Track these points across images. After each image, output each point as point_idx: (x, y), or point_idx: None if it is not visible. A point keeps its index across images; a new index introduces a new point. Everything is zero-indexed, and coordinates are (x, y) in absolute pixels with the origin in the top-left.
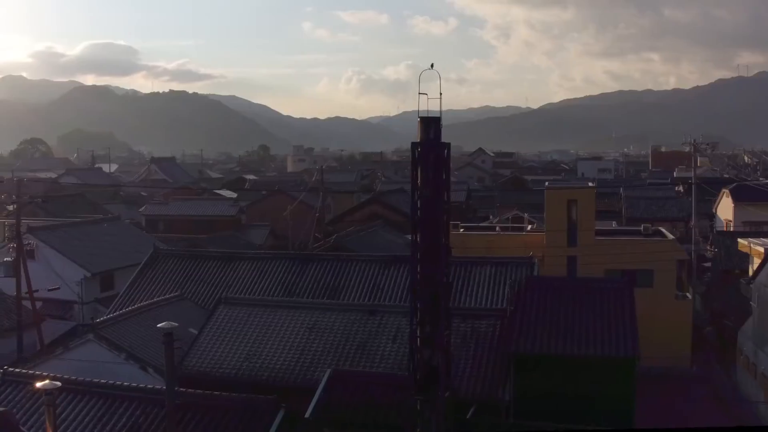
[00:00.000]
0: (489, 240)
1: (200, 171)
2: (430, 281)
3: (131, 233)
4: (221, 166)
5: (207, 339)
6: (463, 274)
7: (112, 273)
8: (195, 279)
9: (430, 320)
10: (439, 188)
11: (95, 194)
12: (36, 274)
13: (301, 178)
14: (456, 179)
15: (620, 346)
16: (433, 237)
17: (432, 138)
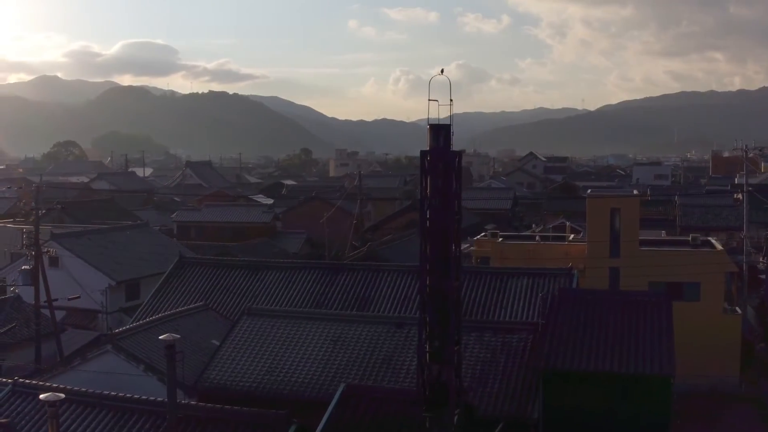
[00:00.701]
0: (528, 250)
1: (238, 175)
2: (440, 294)
3: (159, 240)
4: (260, 171)
5: (228, 351)
6: (498, 286)
7: (138, 282)
8: (221, 288)
9: (439, 335)
10: (449, 198)
11: (127, 199)
12: (59, 283)
13: (342, 183)
14: (504, 185)
15: (655, 362)
16: (442, 248)
17: (441, 146)
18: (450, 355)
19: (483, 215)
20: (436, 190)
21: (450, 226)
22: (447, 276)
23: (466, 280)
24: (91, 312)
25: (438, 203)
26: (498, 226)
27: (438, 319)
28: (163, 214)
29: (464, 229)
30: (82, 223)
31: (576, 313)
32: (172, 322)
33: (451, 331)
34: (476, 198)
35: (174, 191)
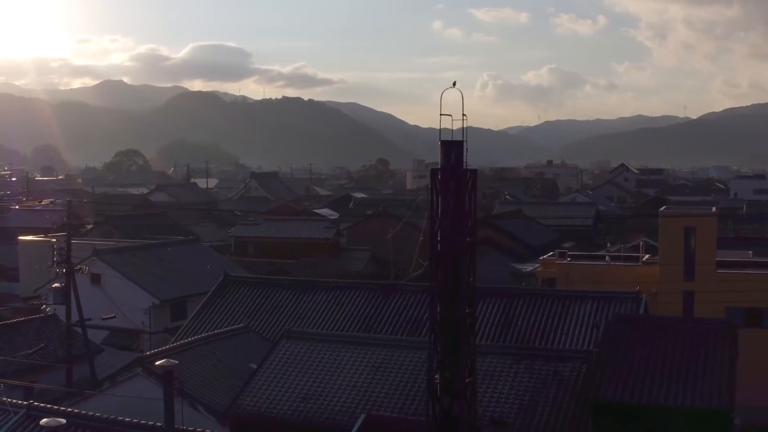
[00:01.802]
0: (596, 271)
1: (307, 187)
2: (450, 321)
3: (209, 257)
4: (333, 182)
5: (265, 376)
6: (559, 311)
7: (185, 300)
8: (266, 309)
9: (450, 365)
10: (461, 219)
11: (186, 212)
12: (101, 301)
13: (417, 196)
14: (589, 199)
15: (714, 395)
16: (453, 272)
17: (453, 163)
18: (462, 387)
19: (562, 232)
20: (448, 211)
21: (462, 249)
22: (458, 302)
23: (525, 304)
24: (135, 332)
25: (449, 224)
26: (577, 244)
27: (449, 348)
28: (222, 229)
29: (539, 247)
30: (130, 237)
31: (633, 341)
32: (209, 344)
33: (462, 361)
34: (555, 214)
35: (236, 204)
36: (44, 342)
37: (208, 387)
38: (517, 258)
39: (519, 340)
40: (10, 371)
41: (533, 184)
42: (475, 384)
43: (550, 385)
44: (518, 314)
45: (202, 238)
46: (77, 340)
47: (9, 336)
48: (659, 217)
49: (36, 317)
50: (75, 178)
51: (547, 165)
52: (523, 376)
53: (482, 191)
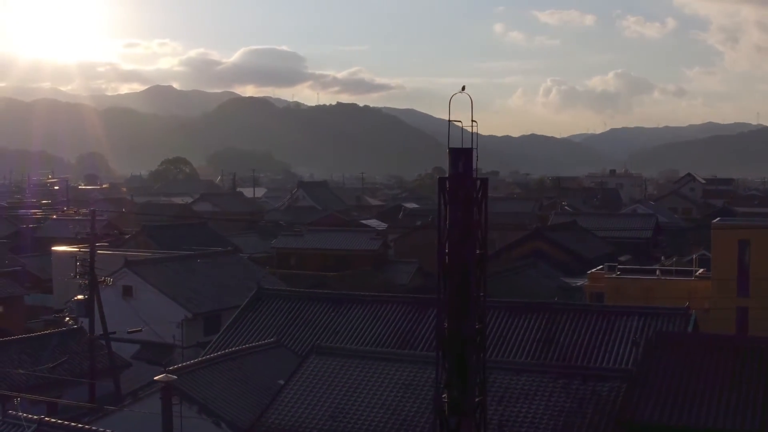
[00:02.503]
0: (646, 286)
1: (358, 197)
2: (458, 338)
3: (247, 269)
4: (387, 192)
5: (292, 392)
6: (604, 327)
7: (219, 314)
8: (299, 323)
9: (457, 383)
10: (470, 230)
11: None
12: (133, 314)
13: None
14: (650, 210)
15: (756, 418)
16: (461, 286)
17: (462, 172)
18: (470, 407)
19: (619, 245)
20: (456, 222)
21: (471, 262)
22: (467, 317)
23: (568, 320)
24: (167, 346)
25: (458, 236)
26: (634, 257)
27: (456, 366)
28: (266, 240)
29: (592, 260)
30: (168, 248)
31: (674, 359)
32: (236, 359)
33: (470, 379)
34: (612, 226)
35: (283, 214)
36: (66, 356)
37: (233, 404)
38: (568, 272)
39: (560, 358)
40: (32, 385)
41: (594, 195)
42: (485, 403)
43: (587, 405)
44: (561, 330)
45: (245, 250)
46: (103, 354)
47: (33, 349)
48: (711, 229)
49: (61, 330)
50: (119, 186)
51: (609, 174)
52: (560, 396)
53: (539, 202)
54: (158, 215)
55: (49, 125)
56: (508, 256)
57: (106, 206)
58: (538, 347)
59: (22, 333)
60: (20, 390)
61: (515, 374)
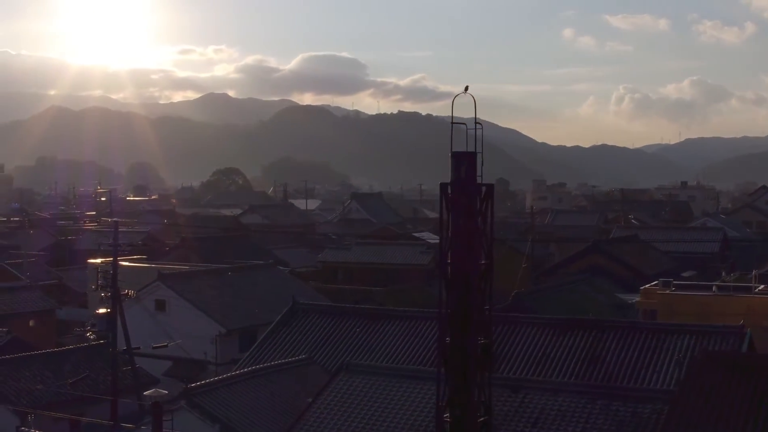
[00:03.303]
0: (702, 303)
1: (415, 209)
2: (461, 353)
3: (286, 283)
4: None
5: (318, 411)
6: (653, 345)
7: (255, 329)
8: (335, 339)
9: (460, 402)
10: (473, 239)
11: (278, 236)
12: (165, 329)
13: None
14: (719, 224)
15: None
16: (463, 298)
17: (464, 177)
18: (473, 427)
19: (683, 260)
20: (458, 230)
21: (473, 272)
22: (469, 331)
23: (615, 338)
24: (201, 363)
25: (460, 245)
26: (698, 273)
27: (459, 383)
28: (314, 253)
29: (653, 275)
30: (207, 261)
31: (718, 380)
32: (264, 376)
33: (471, 397)
34: (677, 239)
35: (335, 227)
36: (87, 371)
37: (257, 422)
38: (627, 287)
39: (605, 378)
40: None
41: (663, 208)
42: (490, 423)
43: (626, 427)
44: (607, 348)
45: (292, 263)
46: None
47: (56, 364)
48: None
49: (87, 345)
50: (169, 198)
51: (680, 186)
52: (598, 417)
53: (604, 215)
54: (202, 227)
55: (99, 134)
56: (564, 271)
57: (153, 218)
58: (582, 366)
59: (53, 348)
60: (40, 406)
61: (552, 395)
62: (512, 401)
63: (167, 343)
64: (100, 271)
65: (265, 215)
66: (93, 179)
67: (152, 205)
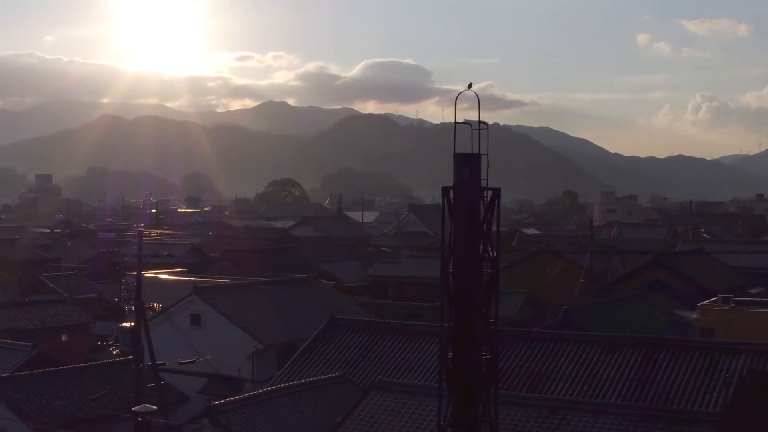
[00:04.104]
0: (763, 321)
1: None
2: (464, 370)
3: (330, 298)
4: (512, 217)
5: None
6: (706, 365)
7: (294, 345)
8: (372, 356)
9: (463, 421)
10: (476, 247)
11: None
12: (201, 344)
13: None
14: None
15: None
16: (466, 310)
17: (467, 180)
18: None
19: (754, 276)
20: (461, 238)
21: (477, 283)
22: (473, 346)
23: (667, 357)
24: (237, 380)
25: (462, 252)
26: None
27: (462, 401)
28: (366, 267)
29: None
30: (250, 274)
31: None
32: (293, 394)
33: (475, 415)
34: (746, 254)
35: (391, 240)
36: (109, 387)
37: None
38: (689, 304)
39: (653, 399)
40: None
41: (736, 221)
42: None
43: None
44: (657, 368)
45: (342, 277)
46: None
47: (82, 380)
48: None
49: (115, 360)
50: (222, 209)
51: (756, 199)
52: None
53: (674, 229)
54: (249, 239)
55: (153, 144)
56: (624, 286)
57: (201, 230)
58: (629, 387)
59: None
60: (61, 423)
61: (593, 416)
62: (549, 422)
63: (195, 359)
64: (124, 283)
65: (318, 228)
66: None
67: (204, 217)
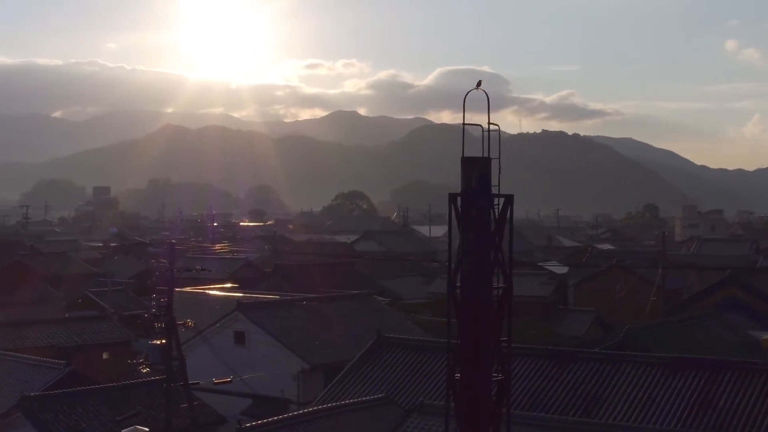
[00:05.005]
0: None
1: (550, 237)
2: (472, 392)
3: (383, 315)
4: (589, 231)
5: None
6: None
7: (342, 365)
8: (421, 376)
9: None
10: (485, 260)
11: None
12: (245, 364)
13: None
14: None
15: None
16: (474, 329)
17: (475, 187)
18: None
19: None
20: (468, 249)
21: (486, 299)
22: (481, 367)
23: (732, 380)
24: (282, 401)
25: (470, 267)
26: None
27: (469, 425)
28: (430, 282)
29: None
30: (302, 290)
31: None
32: (331, 416)
33: None
34: None
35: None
36: (138, 408)
37: None
38: (766, 324)
39: (716, 425)
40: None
41: None
42: None
43: None
44: (721, 392)
45: (402, 294)
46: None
47: (115, 399)
48: None
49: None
50: (286, 223)
51: None
52: None
53: (757, 244)
54: (307, 254)
55: (218, 155)
56: (699, 305)
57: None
58: (690, 411)
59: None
60: None
61: None
62: None
63: (230, 379)
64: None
65: (381, 242)
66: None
67: (267, 231)
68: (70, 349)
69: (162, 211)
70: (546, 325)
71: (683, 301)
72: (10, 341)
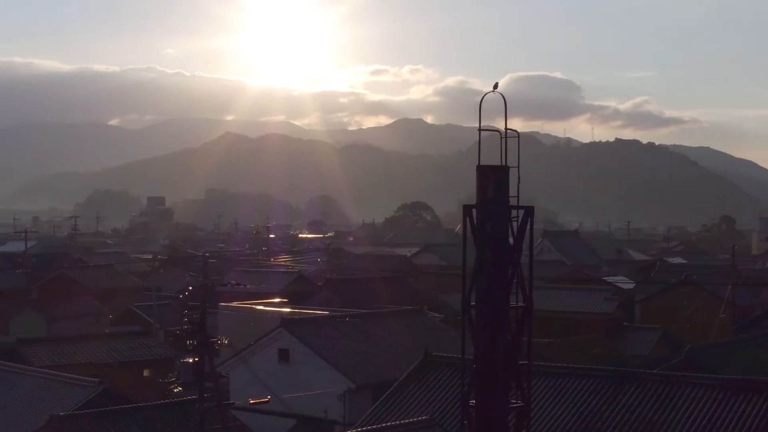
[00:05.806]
0: None
1: (620, 250)
2: (487, 420)
3: (434, 332)
4: (662, 244)
5: None
6: None
7: (390, 385)
8: None
9: None
10: (502, 276)
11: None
12: (288, 382)
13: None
14: None
15: None
16: (492, 350)
17: (492, 198)
18: None
19: None
20: (484, 264)
21: (502, 319)
22: (496, 395)
23: None
24: (328, 422)
25: (486, 283)
26: None
27: None
28: None
29: None
30: (353, 305)
31: None
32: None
33: None
34: None
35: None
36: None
37: None
38: None
39: None
40: None
41: None
42: None
43: None
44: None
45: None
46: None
47: (147, 419)
48: None
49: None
50: (347, 235)
51: None
52: None
53: None
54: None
55: (279, 164)
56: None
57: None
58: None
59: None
60: None
61: None
62: None
63: (268, 399)
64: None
65: (442, 255)
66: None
67: (324, 243)
68: (109, 366)
69: (218, 222)
70: (609, 343)
71: (754, 319)
72: (49, 357)
